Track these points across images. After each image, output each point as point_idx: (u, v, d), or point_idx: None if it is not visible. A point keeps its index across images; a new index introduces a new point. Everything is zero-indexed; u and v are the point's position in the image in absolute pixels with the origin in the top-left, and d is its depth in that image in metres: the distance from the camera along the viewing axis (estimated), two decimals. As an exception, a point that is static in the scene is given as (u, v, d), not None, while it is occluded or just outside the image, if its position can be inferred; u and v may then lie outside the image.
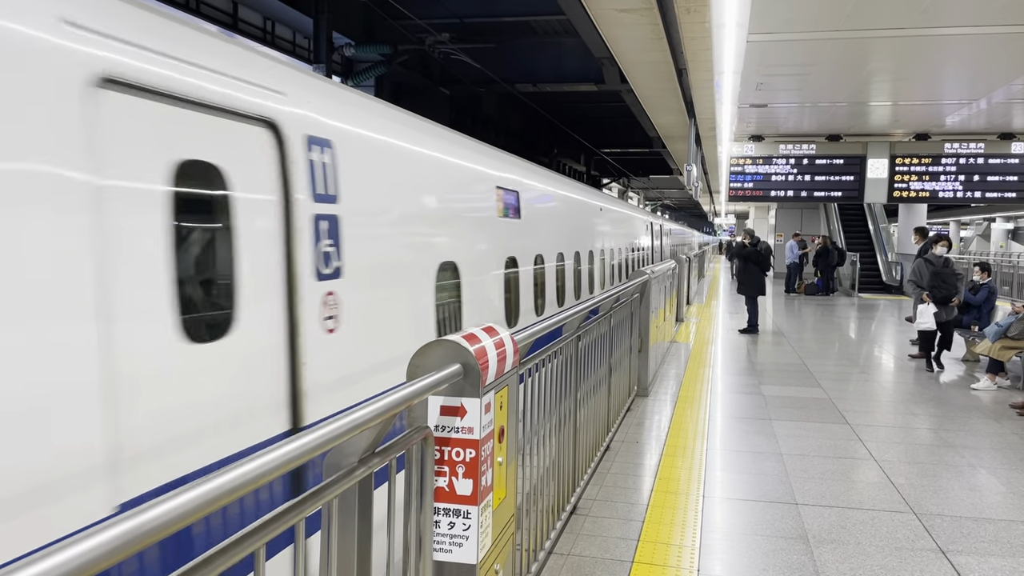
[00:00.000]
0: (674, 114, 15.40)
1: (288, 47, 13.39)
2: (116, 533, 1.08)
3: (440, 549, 2.41)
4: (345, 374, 3.39)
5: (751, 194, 18.87)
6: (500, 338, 2.67)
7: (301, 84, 3.30)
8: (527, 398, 3.37)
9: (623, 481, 5.22)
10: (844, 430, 6.69)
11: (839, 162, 18.17)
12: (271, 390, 2.89)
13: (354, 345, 3.49)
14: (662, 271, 9.35)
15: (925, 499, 4.99)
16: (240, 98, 2.77)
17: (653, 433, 6.47)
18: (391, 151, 4.10)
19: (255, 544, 1.46)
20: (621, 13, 8.51)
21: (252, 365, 2.79)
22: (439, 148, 4.92)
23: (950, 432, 6.69)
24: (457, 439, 2.41)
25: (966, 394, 8.35)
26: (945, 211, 49.59)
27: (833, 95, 13.67)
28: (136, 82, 2.29)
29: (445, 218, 4.88)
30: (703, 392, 8.16)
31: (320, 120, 3.33)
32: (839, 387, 8.59)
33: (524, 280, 6.83)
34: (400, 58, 13.55)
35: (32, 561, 0.95)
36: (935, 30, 9.13)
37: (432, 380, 2.21)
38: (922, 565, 4.00)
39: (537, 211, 7.49)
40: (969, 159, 17.41)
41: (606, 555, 4.04)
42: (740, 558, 4.06)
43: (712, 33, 8.90)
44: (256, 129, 2.86)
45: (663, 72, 11.61)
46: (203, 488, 1.26)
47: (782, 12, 8.60)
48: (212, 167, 2.63)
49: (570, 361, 4.21)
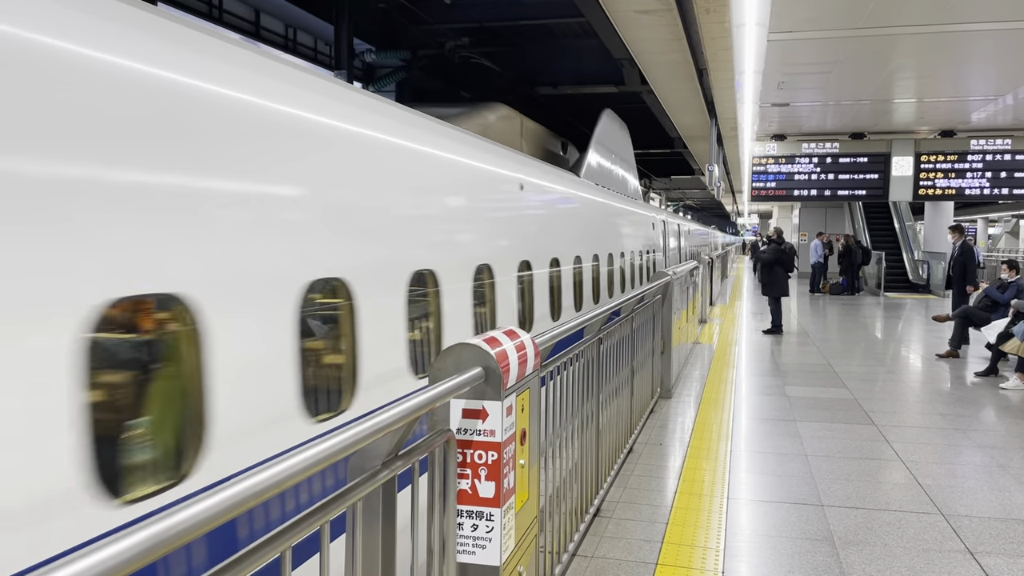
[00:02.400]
0: (695, 114, 15.35)
1: (310, 54, 13.52)
2: (152, 532, 1.11)
3: (463, 551, 2.43)
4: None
5: (774, 194, 18.74)
6: (521, 341, 2.68)
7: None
8: (549, 401, 3.38)
9: (647, 483, 5.22)
10: (870, 431, 6.62)
11: (863, 160, 17.99)
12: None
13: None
14: (683, 272, 9.28)
15: (953, 500, 4.93)
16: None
17: (677, 435, 6.45)
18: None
19: (281, 546, 1.48)
20: (640, 14, 8.51)
21: None
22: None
23: (978, 432, 6.60)
24: (479, 442, 2.42)
25: (995, 394, 8.24)
26: (972, 208, 48.89)
27: (856, 93, 13.55)
28: None
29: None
30: (727, 393, 8.12)
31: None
32: (865, 388, 8.51)
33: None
34: (420, 63, 13.62)
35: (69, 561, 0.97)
36: (959, 26, 9.03)
37: (454, 383, 2.23)
38: (950, 567, 3.96)
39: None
40: (996, 156, 17.16)
41: (630, 557, 4.04)
42: (765, 560, 4.04)
43: (732, 33, 8.86)
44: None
45: (683, 72, 11.58)
46: (229, 492, 1.29)
47: (803, 10, 8.54)
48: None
49: (592, 363, 4.22)
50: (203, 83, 2.56)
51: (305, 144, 3.13)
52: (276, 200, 2.89)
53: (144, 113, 2.28)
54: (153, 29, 2.46)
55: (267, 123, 2.90)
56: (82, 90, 2.10)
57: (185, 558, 2.30)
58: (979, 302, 10.52)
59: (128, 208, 2.20)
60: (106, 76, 2.18)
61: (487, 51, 13.64)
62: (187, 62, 2.52)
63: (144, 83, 2.30)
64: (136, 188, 2.24)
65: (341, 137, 3.45)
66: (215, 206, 2.56)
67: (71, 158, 2.04)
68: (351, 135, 3.56)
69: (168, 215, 2.33)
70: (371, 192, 3.71)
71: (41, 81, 1.98)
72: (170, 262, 2.34)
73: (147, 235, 2.26)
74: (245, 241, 2.69)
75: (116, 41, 2.27)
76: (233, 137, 2.68)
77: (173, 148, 2.39)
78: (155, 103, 2.32)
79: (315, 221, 3.15)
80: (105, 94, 2.16)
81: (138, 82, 2.28)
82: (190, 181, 2.45)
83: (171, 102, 2.39)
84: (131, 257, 2.21)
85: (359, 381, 3.38)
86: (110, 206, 2.14)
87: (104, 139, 2.14)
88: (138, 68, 2.29)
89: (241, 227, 2.68)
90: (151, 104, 2.31)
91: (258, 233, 2.76)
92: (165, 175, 2.34)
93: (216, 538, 2.42)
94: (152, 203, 2.28)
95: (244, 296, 2.68)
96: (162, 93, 2.36)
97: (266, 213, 2.82)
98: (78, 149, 2.07)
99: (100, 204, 2.11)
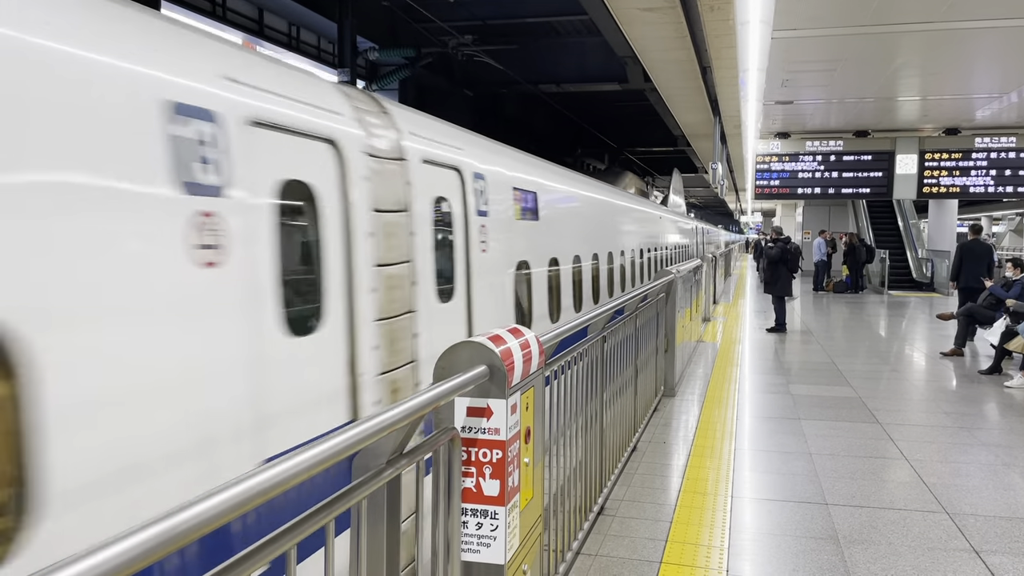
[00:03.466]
0: (699, 112, 15.32)
1: (313, 52, 13.52)
2: (161, 529, 1.11)
3: (468, 549, 2.42)
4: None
5: (777, 192, 18.71)
6: (525, 339, 2.68)
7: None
8: (553, 399, 3.38)
9: (651, 481, 5.21)
10: (874, 429, 6.61)
11: (867, 158, 17.95)
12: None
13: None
14: (686, 271, 9.30)
15: (958, 499, 4.92)
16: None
17: (680, 433, 6.45)
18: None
19: (287, 544, 1.48)
20: (644, 12, 8.49)
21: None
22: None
23: (983, 431, 6.59)
24: (484, 440, 2.42)
25: (999, 392, 8.22)
26: (976, 206, 48.78)
27: (860, 91, 13.52)
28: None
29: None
30: (731, 392, 8.11)
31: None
32: (869, 386, 8.49)
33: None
34: (424, 61, 13.62)
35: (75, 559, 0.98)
36: (964, 23, 9.00)
37: (458, 382, 2.22)
38: (955, 566, 3.95)
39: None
40: (1000, 153, 17.12)
41: (634, 556, 4.03)
42: (770, 558, 4.03)
43: (736, 30, 8.84)
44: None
45: (687, 70, 11.56)
46: (234, 490, 1.29)
47: (807, 8, 8.52)
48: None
49: (596, 362, 4.21)
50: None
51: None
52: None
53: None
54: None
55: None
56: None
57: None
58: (983, 300, 10.49)
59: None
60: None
61: (491, 49, 13.62)
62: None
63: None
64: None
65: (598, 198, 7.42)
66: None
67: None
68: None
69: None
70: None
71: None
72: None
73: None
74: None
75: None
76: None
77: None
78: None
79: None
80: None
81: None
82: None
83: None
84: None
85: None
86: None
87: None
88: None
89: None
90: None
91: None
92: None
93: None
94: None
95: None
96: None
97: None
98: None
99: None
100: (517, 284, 5.41)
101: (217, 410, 2.39)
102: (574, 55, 15.22)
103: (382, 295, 3.35)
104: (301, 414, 2.80)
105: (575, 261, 7.34)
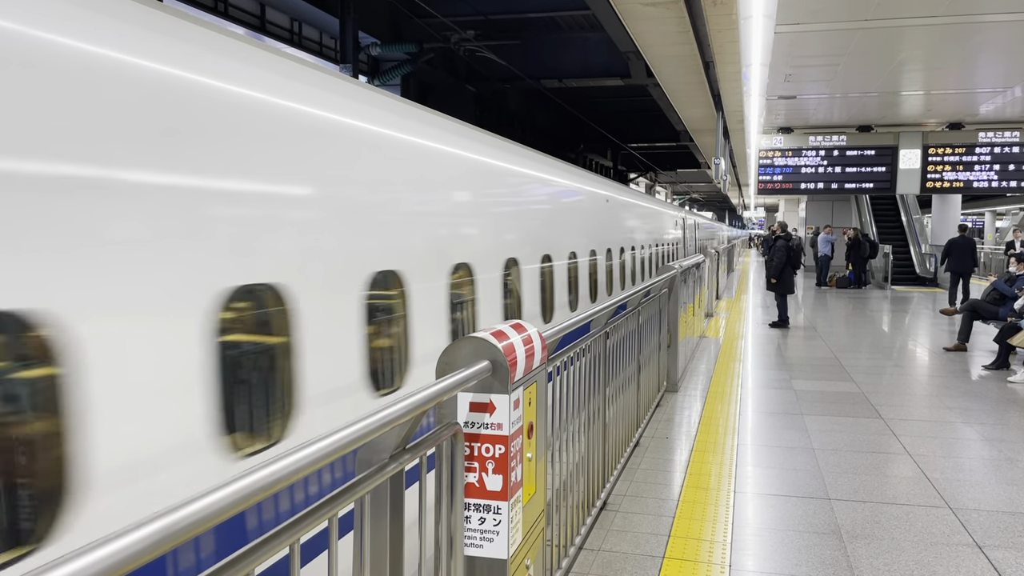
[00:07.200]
0: (701, 107, 15.30)
1: (315, 48, 13.51)
2: (154, 529, 1.11)
3: (471, 544, 2.43)
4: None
5: (780, 187, 18.70)
6: (528, 334, 2.68)
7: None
8: (556, 394, 3.38)
9: (653, 477, 5.21)
10: (877, 424, 6.61)
11: (870, 153, 17.92)
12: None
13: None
14: (689, 266, 9.29)
15: (961, 493, 4.92)
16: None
17: (683, 428, 6.45)
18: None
19: (290, 539, 1.49)
20: (646, 7, 8.47)
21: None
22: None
23: (986, 426, 6.58)
24: (486, 435, 2.42)
25: (1003, 387, 8.21)
26: (980, 201, 48.68)
27: (863, 85, 13.49)
28: None
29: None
30: (733, 387, 8.11)
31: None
32: (872, 381, 8.49)
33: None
34: (426, 56, 13.60)
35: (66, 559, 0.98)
36: (968, 17, 8.97)
37: (461, 377, 2.22)
38: (958, 560, 3.95)
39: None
40: (1004, 148, 17.09)
41: (637, 551, 4.04)
42: (772, 553, 4.04)
43: (739, 25, 8.82)
44: None
45: (690, 65, 11.53)
46: (236, 486, 1.29)
47: (810, 2, 8.51)
48: None
49: (599, 357, 4.22)
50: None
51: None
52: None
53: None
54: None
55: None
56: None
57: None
58: (987, 295, 10.48)
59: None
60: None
61: (493, 44, 13.60)
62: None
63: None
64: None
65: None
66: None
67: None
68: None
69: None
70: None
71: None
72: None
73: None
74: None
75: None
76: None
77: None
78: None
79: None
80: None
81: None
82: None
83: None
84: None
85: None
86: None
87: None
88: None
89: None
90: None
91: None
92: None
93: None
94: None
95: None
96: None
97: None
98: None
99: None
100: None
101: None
102: (576, 50, 15.20)
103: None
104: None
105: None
